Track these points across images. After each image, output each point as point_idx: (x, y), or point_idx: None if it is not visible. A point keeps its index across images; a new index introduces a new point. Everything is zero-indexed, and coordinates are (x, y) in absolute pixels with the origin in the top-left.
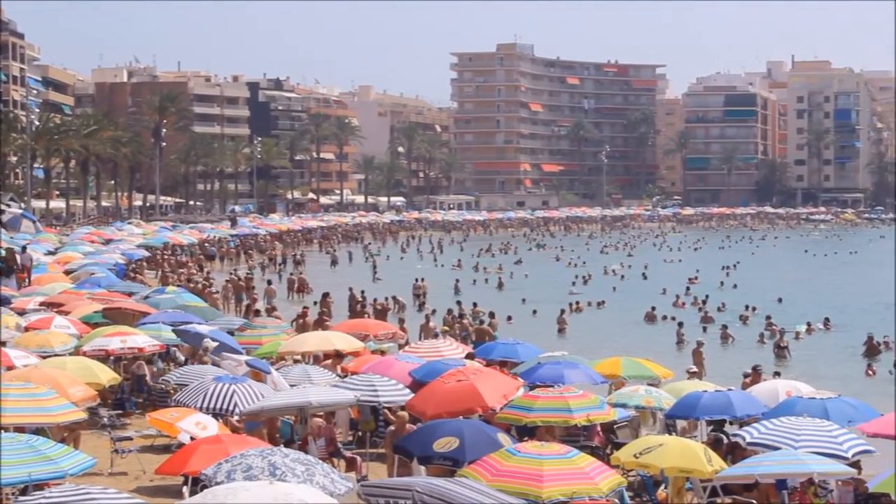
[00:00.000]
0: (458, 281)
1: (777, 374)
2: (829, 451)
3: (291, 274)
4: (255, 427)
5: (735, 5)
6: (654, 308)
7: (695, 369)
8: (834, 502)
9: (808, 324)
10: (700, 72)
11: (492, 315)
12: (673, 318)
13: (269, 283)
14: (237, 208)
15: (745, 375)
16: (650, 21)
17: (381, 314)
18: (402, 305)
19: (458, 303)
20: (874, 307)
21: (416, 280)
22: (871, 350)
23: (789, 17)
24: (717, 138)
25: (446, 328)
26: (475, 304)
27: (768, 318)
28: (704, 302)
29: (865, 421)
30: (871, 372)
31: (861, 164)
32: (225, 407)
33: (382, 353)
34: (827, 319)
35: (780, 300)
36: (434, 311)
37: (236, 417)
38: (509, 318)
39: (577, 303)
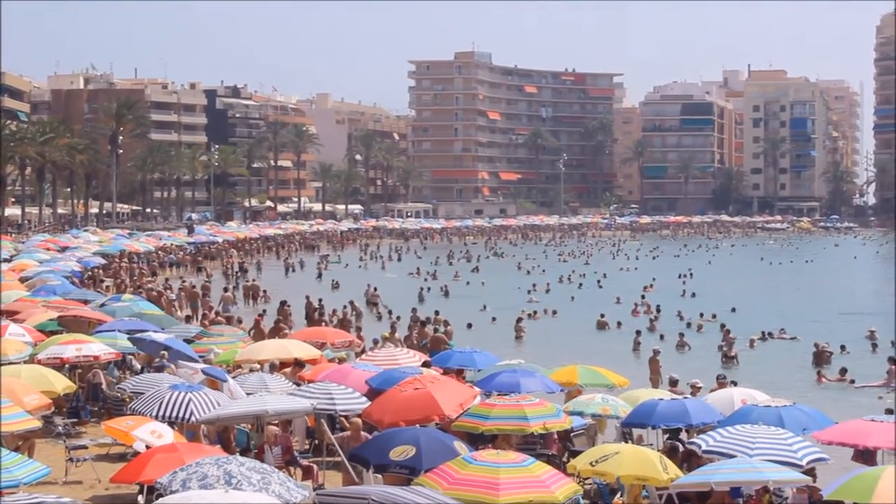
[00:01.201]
0: (422, 289)
1: (734, 382)
2: (783, 458)
3: (247, 281)
4: (194, 436)
5: (691, 15)
6: (603, 315)
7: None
8: None
9: (763, 332)
10: (657, 81)
11: (446, 323)
12: (619, 325)
13: (226, 290)
14: (194, 216)
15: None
16: (607, 30)
17: (342, 325)
18: (359, 313)
19: (414, 310)
20: (828, 316)
21: (369, 287)
22: (820, 358)
23: (746, 27)
24: (674, 147)
25: (387, 335)
26: (437, 312)
27: (723, 325)
28: (658, 310)
29: (820, 429)
30: (822, 379)
31: (816, 172)
32: (181, 415)
33: (339, 361)
34: (782, 329)
35: (733, 309)
36: (399, 318)
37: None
38: (469, 325)
39: (535, 311)
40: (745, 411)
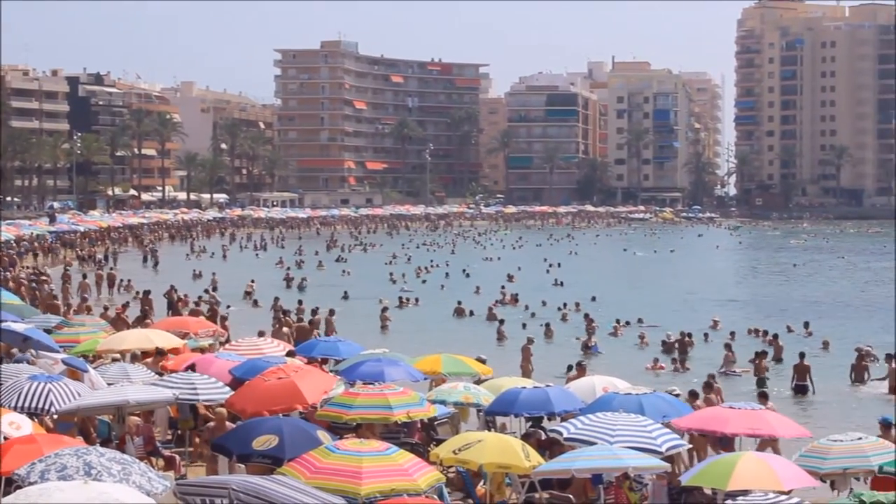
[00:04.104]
0: (288, 278)
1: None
2: (643, 445)
3: (108, 269)
4: (69, 428)
5: (557, 6)
6: (460, 303)
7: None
8: (648, 496)
9: (619, 321)
10: (523, 71)
11: (314, 312)
12: (472, 313)
13: (84, 277)
14: (56, 205)
15: (569, 369)
16: (473, 20)
17: (211, 314)
18: (216, 301)
19: (276, 299)
20: (688, 304)
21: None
22: (681, 346)
23: (610, 19)
24: (540, 137)
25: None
26: (300, 302)
27: (587, 315)
28: (516, 300)
29: (679, 416)
30: (681, 368)
31: (679, 163)
32: (40, 406)
33: (203, 350)
34: (640, 320)
35: (593, 298)
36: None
37: (55, 416)
38: (332, 311)
39: (405, 299)
40: (607, 399)
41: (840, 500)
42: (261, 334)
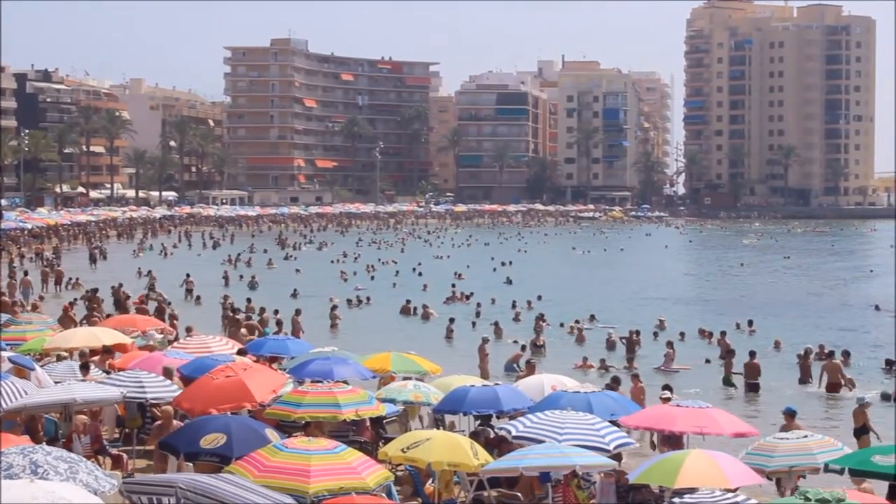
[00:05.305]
0: (226, 274)
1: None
2: (591, 443)
3: (53, 267)
4: (13, 426)
5: (507, 5)
6: (409, 301)
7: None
8: (596, 494)
9: (577, 321)
10: (473, 70)
11: (262, 311)
12: (416, 311)
13: (26, 273)
14: (3, 202)
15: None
16: (424, 19)
17: (159, 312)
18: (164, 300)
19: (225, 296)
20: (636, 303)
21: (188, 276)
22: (629, 345)
23: (560, 18)
24: (489, 136)
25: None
26: (249, 300)
27: (542, 315)
28: (468, 298)
29: (627, 414)
30: (630, 366)
31: (628, 162)
32: None
33: (151, 349)
34: (592, 316)
35: (539, 297)
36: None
37: (1, 415)
38: (276, 311)
39: (357, 298)
40: (555, 397)
41: (786, 499)
42: (188, 330)
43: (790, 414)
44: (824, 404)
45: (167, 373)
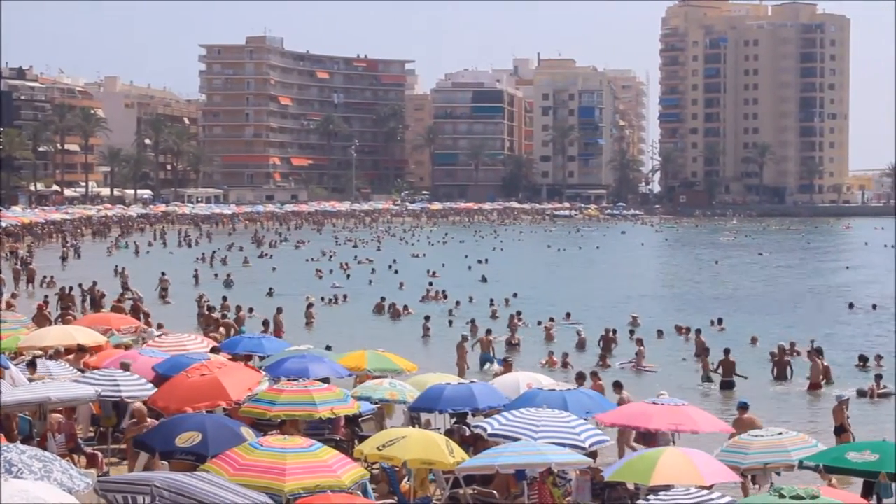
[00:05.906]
0: (196, 272)
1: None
2: (567, 441)
3: (26, 265)
4: None
5: (482, 4)
6: (383, 299)
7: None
8: (572, 491)
9: (551, 319)
10: (448, 68)
11: (238, 309)
12: (390, 309)
13: None
14: None
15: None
16: (399, 17)
17: (134, 310)
18: (139, 298)
19: (201, 296)
20: (612, 300)
21: (163, 274)
22: (605, 343)
23: (535, 16)
24: (465, 134)
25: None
26: (225, 298)
27: (519, 313)
28: (445, 296)
29: (602, 411)
30: (604, 364)
31: (604, 160)
32: None
33: (126, 347)
34: (568, 314)
35: (514, 295)
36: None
37: None
38: (251, 309)
39: (334, 297)
40: (531, 395)
41: (760, 496)
42: (159, 327)
43: (743, 407)
44: (806, 402)
45: (124, 367)
